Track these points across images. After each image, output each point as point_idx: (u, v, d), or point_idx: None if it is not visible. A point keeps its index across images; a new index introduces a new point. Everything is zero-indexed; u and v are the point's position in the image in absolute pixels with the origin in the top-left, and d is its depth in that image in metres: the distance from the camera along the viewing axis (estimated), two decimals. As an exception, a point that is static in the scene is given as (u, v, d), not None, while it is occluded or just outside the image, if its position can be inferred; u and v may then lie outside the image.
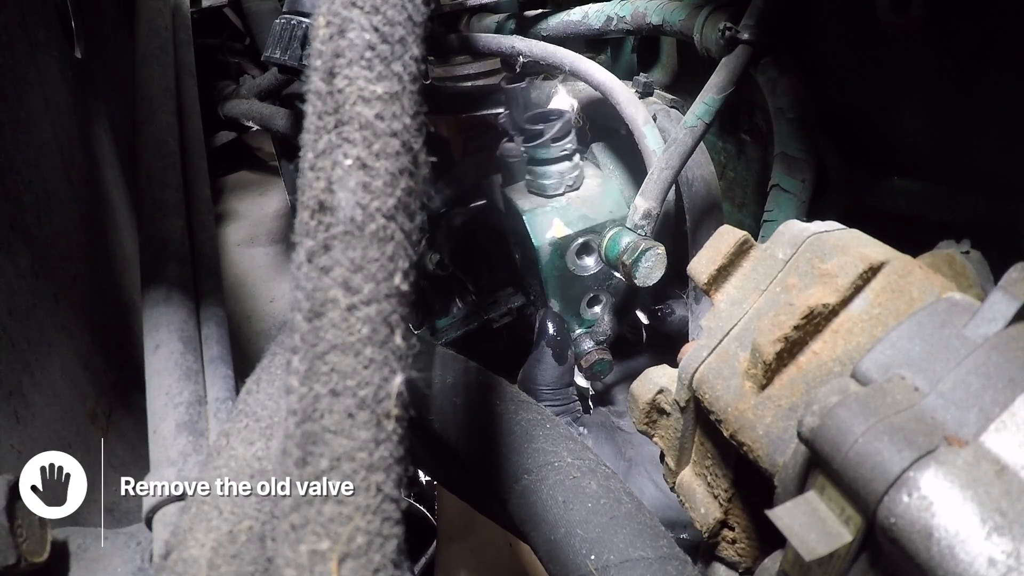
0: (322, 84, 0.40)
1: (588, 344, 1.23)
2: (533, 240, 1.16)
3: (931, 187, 0.86)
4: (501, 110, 1.40)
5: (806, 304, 0.48)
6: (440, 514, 1.35)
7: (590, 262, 1.19)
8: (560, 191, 1.18)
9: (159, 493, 0.75)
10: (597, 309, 1.25)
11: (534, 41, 1.18)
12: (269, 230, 2.19)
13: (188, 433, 0.83)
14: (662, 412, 0.66)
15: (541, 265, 1.18)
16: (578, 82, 1.33)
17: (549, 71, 1.31)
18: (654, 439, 0.68)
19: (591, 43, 1.53)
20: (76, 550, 0.72)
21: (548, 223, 1.16)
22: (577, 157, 1.20)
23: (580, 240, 1.16)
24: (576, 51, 1.53)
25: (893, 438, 0.36)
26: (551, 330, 1.17)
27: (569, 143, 1.17)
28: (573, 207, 1.17)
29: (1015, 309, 0.39)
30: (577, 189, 1.20)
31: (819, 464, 0.41)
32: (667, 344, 1.29)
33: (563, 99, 1.29)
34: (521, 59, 1.19)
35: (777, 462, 0.48)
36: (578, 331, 1.24)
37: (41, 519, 0.67)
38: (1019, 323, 0.40)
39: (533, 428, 0.75)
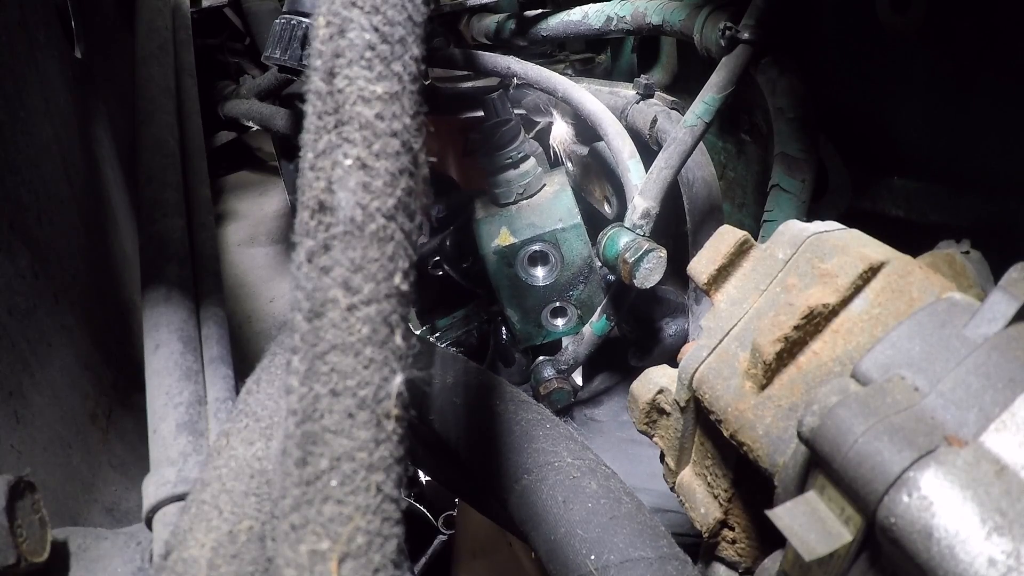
0: (322, 84, 0.40)
1: (549, 372, 1.19)
2: (479, 248, 1.16)
3: (931, 187, 0.86)
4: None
5: (806, 304, 0.48)
6: (462, 530, 1.34)
7: (541, 272, 1.17)
8: (511, 199, 1.17)
9: (159, 493, 0.75)
10: (560, 322, 1.23)
11: (530, 64, 1.17)
12: (269, 230, 2.19)
13: (188, 433, 0.83)
14: (662, 412, 0.66)
15: (490, 273, 1.17)
16: (578, 84, 1.33)
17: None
18: (654, 439, 0.68)
19: (591, 43, 1.53)
20: (76, 550, 0.72)
21: (496, 231, 1.15)
22: (530, 164, 1.18)
23: (530, 248, 1.15)
24: (576, 51, 1.54)
25: (893, 438, 0.36)
26: (497, 340, 1.17)
27: (514, 151, 1.16)
28: (523, 215, 1.16)
29: (1015, 309, 0.39)
30: (531, 197, 1.18)
31: (819, 464, 0.41)
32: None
33: (558, 126, 1.29)
34: (515, 81, 1.19)
35: (777, 462, 0.48)
36: (540, 358, 1.21)
37: (41, 519, 0.67)
38: (1019, 323, 0.40)
39: (533, 428, 0.75)
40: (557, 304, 1.21)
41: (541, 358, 1.21)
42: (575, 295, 1.20)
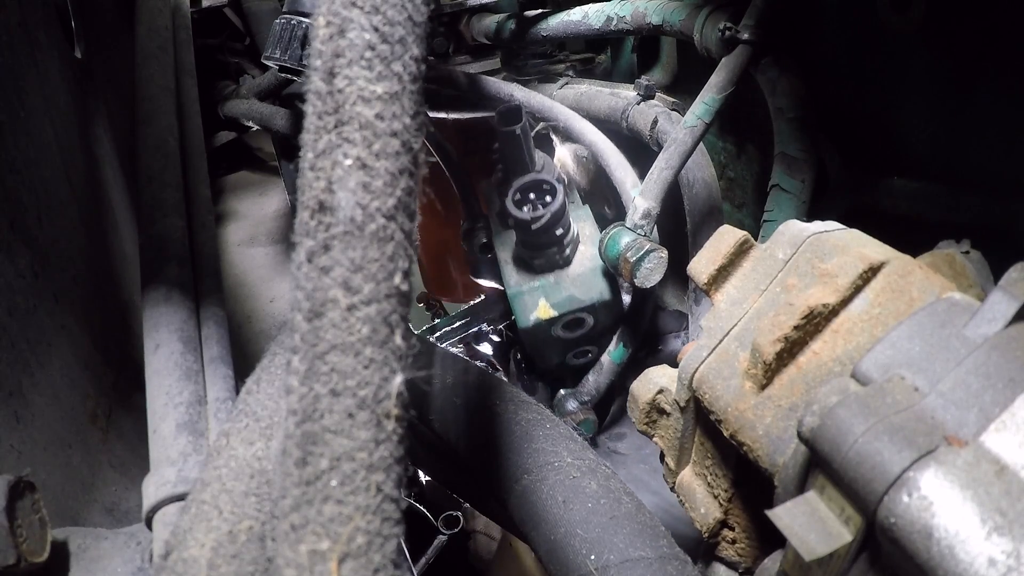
0: (322, 84, 0.40)
1: (572, 404, 1.19)
2: (517, 320, 1.11)
3: (931, 187, 0.86)
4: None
5: (806, 304, 0.48)
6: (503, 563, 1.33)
7: (575, 333, 1.15)
8: (549, 269, 1.12)
9: (159, 493, 0.75)
10: (582, 360, 1.23)
11: (533, 93, 1.17)
12: (269, 230, 2.19)
13: (188, 433, 0.83)
14: (662, 412, 0.66)
15: (525, 342, 1.15)
16: (579, 85, 1.33)
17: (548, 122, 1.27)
18: (654, 439, 0.68)
19: (591, 43, 1.53)
20: (76, 550, 0.72)
21: (534, 303, 1.10)
22: (572, 233, 1.11)
23: (568, 318, 1.11)
24: (576, 51, 1.54)
25: (893, 438, 0.36)
26: (519, 371, 1.18)
27: (561, 227, 1.08)
28: (562, 285, 1.11)
29: (1015, 309, 0.39)
30: (568, 265, 1.13)
31: (819, 464, 0.41)
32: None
33: (563, 154, 1.27)
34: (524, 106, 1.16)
35: (777, 462, 0.48)
36: (563, 391, 1.21)
37: (41, 519, 0.67)
38: (1019, 323, 0.40)
39: (533, 428, 0.75)
40: (580, 348, 1.21)
41: (563, 391, 1.22)
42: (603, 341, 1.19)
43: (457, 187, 1.39)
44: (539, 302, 1.11)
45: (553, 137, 1.28)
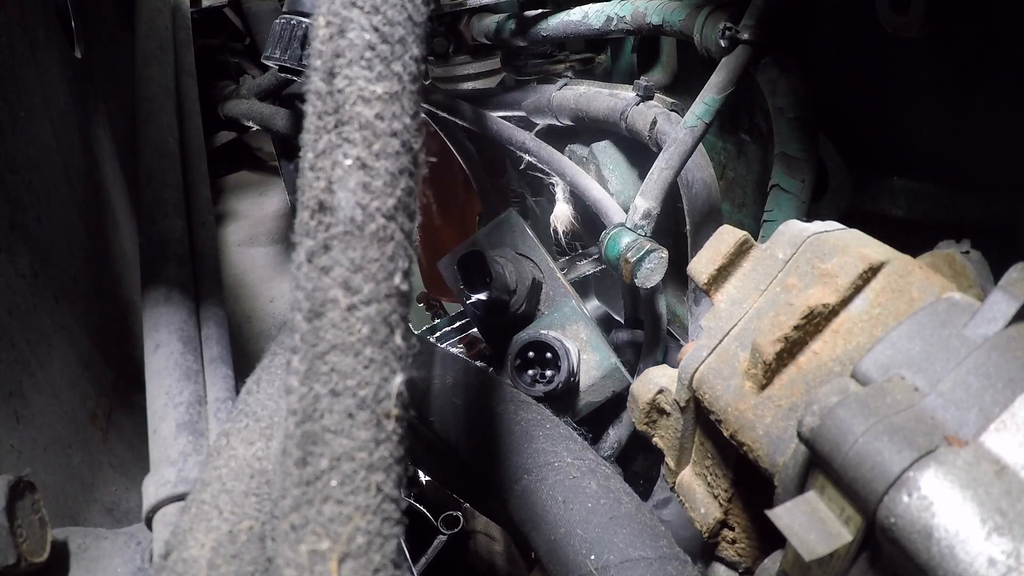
0: (322, 84, 0.40)
1: None
2: None
3: (931, 187, 0.86)
4: (501, 112, 1.40)
5: (806, 304, 0.48)
6: None
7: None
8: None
9: (159, 493, 0.75)
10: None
11: (543, 144, 1.17)
12: (269, 230, 2.19)
13: (188, 433, 0.83)
14: (662, 412, 0.66)
15: None
16: (578, 86, 1.33)
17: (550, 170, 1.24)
18: (654, 439, 0.68)
19: (591, 43, 1.53)
20: (76, 550, 0.72)
21: None
22: (577, 360, 1.08)
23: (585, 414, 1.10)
24: (576, 51, 1.54)
25: (893, 438, 0.36)
26: None
27: (574, 378, 1.05)
28: (576, 398, 1.09)
29: (1015, 309, 0.39)
30: (577, 383, 1.11)
31: (819, 464, 0.41)
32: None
33: (562, 211, 1.27)
34: (527, 157, 1.18)
35: (777, 462, 0.48)
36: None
37: (41, 519, 0.67)
38: (1019, 323, 0.40)
39: (533, 428, 0.75)
40: None
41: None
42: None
43: (475, 182, 1.39)
44: None
45: (555, 191, 1.28)
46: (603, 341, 1.11)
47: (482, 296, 1.03)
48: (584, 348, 1.10)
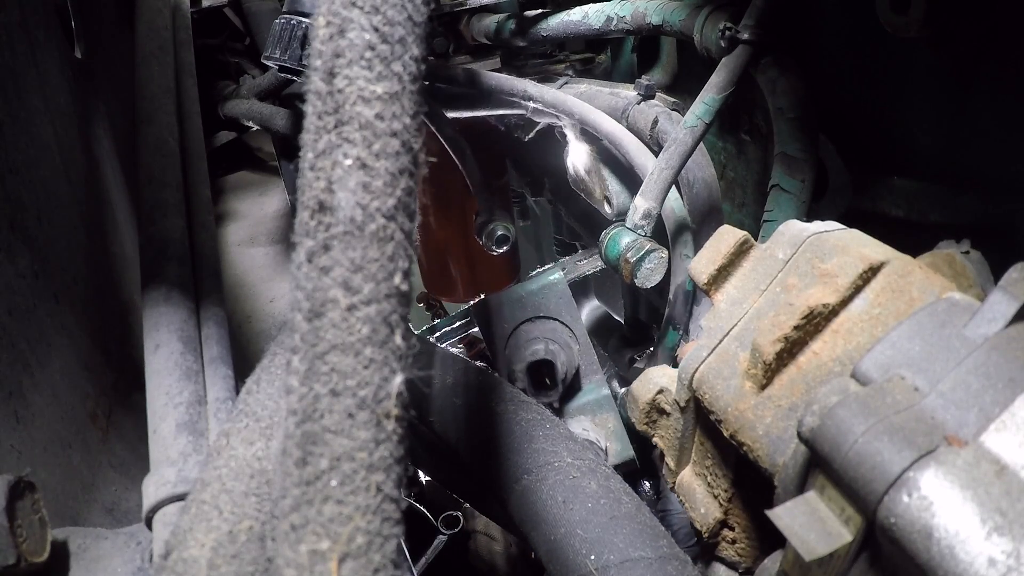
0: (322, 84, 0.40)
1: None
2: None
3: (931, 187, 0.86)
4: (501, 111, 1.39)
5: (806, 304, 0.48)
6: None
7: None
8: None
9: (159, 493, 0.75)
10: None
11: (545, 88, 1.14)
12: (269, 230, 2.19)
13: (188, 433, 0.82)
14: (662, 412, 0.66)
15: None
16: (579, 85, 1.33)
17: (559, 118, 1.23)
18: (654, 439, 0.68)
19: (591, 43, 1.53)
20: (76, 550, 0.72)
21: None
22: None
23: None
24: (576, 51, 1.54)
25: (893, 438, 0.36)
26: None
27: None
28: None
29: (1015, 309, 0.39)
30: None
31: (819, 464, 0.41)
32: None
33: (577, 156, 1.25)
34: (531, 104, 1.15)
35: (777, 462, 0.48)
36: None
37: (41, 519, 0.67)
38: (1019, 323, 0.40)
39: (533, 428, 0.75)
40: None
41: None
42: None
43: (470, 182, 1.38)
44: None
45: (566, 134, 1.27)
46: (624, 432, 1.12)
47: (544, 401, 1.06)
48: (609, 437, 1.12)
